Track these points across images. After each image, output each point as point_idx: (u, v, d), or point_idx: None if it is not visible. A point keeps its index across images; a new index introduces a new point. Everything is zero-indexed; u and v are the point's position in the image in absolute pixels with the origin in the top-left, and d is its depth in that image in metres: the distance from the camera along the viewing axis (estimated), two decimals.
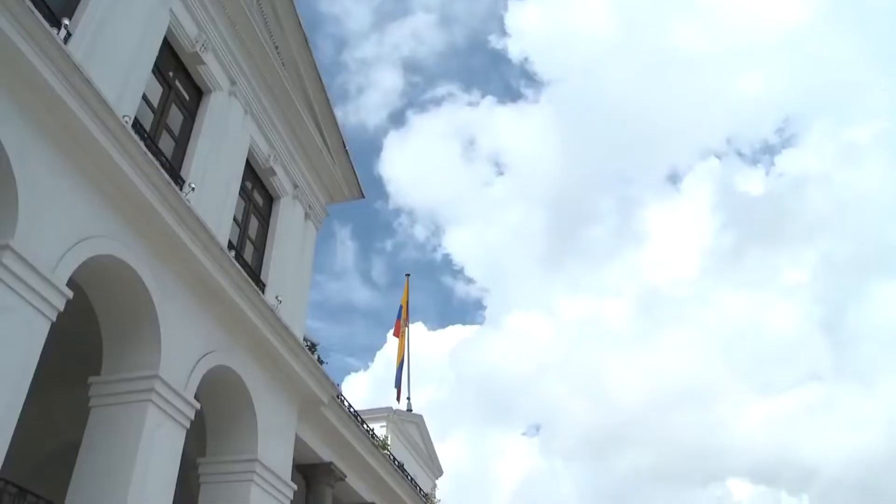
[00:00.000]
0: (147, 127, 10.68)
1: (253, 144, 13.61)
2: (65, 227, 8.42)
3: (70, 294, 8.26)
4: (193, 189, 10.78)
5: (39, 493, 7.88)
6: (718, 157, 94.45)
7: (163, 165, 10.09)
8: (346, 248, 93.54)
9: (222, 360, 11.48)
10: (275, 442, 12.79)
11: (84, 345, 10.15)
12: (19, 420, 7.43)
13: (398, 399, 27.88)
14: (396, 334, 28.16)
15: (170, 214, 9.95)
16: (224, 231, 11.94)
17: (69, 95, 8.15)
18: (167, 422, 9.85)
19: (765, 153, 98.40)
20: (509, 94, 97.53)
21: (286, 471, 13.12)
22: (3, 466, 7.13)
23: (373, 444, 17.30)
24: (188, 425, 10.34)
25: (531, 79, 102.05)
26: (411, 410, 29.10)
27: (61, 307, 8.14)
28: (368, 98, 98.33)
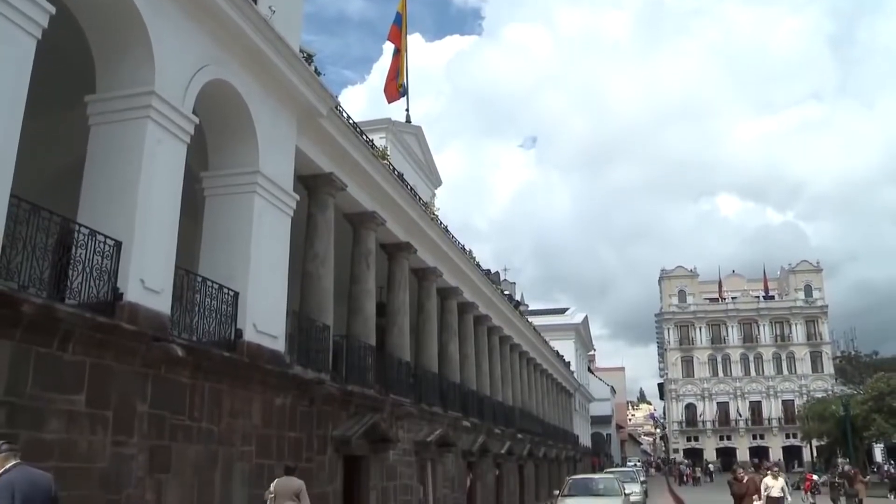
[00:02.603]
0: None
1: None
2: None
3: (52, 9, 7.95)
4: None
5: (52, 209, 8.15)
6: None
7: None
8: None
9: (218, 74, 11.39)
10: (275, 154, 13.07)
11: (82, 64, 9.96)
12: (26, 139, 7.54)
13: (391, 94, 27.00)
14: (392, 40, 27.28)
15: None
16: None
17: None
18: (167, 137, 10.00)
19: None
20: None
21: (288, 181, 13.56)
22: (14, 184, 7.37)
23: (372, 154, 17.62)
24: (188, 140, 10.52)
25: None
26: (410, 121, 29.17)
27: (44, 23, 7.88)
28: None
